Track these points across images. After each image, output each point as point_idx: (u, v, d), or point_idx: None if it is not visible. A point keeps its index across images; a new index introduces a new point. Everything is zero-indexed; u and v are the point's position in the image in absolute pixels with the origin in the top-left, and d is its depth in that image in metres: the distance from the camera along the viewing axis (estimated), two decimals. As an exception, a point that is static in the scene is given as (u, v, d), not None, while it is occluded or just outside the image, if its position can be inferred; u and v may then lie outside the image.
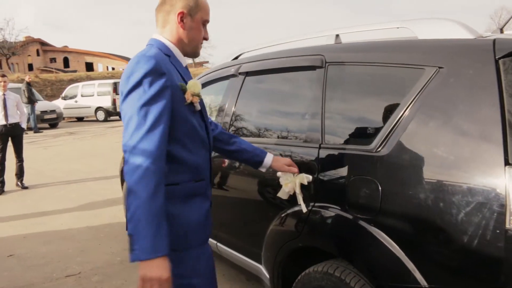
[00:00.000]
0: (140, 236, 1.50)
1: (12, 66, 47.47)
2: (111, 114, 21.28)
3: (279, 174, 2.26)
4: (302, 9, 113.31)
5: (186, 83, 1.80)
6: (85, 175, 8.56)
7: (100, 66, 58.57)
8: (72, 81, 28.23)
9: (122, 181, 4.65)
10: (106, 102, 21.16)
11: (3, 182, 7.36)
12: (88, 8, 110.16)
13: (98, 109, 21.49)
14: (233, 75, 3.12)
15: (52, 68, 48.09)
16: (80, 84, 22.97)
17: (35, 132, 16.63)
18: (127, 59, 58.78)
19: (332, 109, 2.24)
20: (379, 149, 1.90)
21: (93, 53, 58.31)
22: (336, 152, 2.13)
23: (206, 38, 1.91)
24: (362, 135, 2.08)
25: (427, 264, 1.71)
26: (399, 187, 1.80)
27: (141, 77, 1.62)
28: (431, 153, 1.73)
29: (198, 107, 1.83)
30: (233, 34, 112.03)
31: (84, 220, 5.64)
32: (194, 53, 1.91)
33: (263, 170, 2.26)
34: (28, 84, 16.85)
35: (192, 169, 1.81)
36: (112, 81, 22.44)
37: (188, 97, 1.76)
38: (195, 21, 1.83)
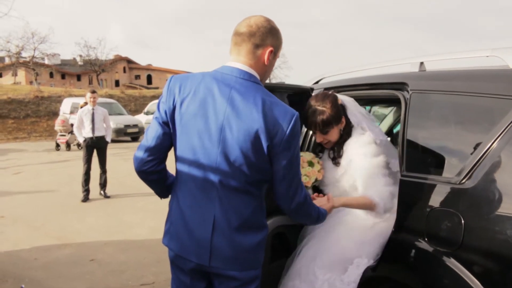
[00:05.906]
0: (318, 216, 2.06)
1: (101, 82, 50.81)
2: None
3: None
4: (374, 30, 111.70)
5: None
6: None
7: (180, 84, 61.02)
8: (154, 97, 29.62)
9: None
10: (185, 119, 21.77)
11: (88, 191, 7.82)
12: (171, 28, 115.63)
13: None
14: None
15: (136, 85, 50.83)
16: (161, 100, 23.91)
17: None
18: (206, 77, 60.75)
19: (414, 137, 2.19)
20: (464, 181, 1.83)
21: (174, 71, 60.80)
22: (416, 182, 2.07)
23: None
24: (444, 165, 2.01)
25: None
26: (484, 222, 1.74)
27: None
28: (521, 188, 1.66)
29: None
30: (307, 56, 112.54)
31: (161, 232, 5.73)
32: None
33: None
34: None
35: None
36: (191, 98, 23.19)
37: None
38: (275, 58, 1.94)
